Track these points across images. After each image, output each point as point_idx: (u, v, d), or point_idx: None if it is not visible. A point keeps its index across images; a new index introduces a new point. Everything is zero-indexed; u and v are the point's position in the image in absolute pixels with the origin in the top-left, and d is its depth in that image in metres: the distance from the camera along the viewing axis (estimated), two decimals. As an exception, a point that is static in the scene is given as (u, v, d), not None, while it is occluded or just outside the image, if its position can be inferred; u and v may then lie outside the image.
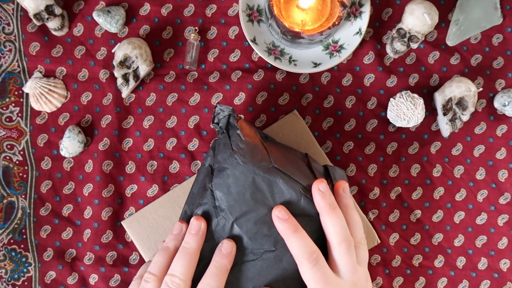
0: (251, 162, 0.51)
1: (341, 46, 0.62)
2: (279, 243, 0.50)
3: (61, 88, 0.64)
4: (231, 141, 0.52)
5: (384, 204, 0.65)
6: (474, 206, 0.65)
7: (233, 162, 0.51)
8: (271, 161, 0.51)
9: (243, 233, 0.50)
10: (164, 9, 0.65)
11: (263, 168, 0.51)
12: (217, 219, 0.51)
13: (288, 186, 0.50)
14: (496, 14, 0.64)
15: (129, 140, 0.65)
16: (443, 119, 0.62)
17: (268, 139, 0.56)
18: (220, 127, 0.54)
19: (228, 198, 0.50)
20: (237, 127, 0.53)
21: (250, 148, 0.51)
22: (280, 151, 0.54)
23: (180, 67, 0.65)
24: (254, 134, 0.54)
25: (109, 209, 0.64)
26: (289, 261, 0.50)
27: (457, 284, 0.64)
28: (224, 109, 0.54)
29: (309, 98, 0.65)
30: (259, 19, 0.62)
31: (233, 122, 0.53)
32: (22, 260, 0.64)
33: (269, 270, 0.50)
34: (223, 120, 0.54)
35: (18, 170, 0.64)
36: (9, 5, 0.64)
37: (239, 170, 0.50)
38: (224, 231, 0.51)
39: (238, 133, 0.52)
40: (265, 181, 0.50)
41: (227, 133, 0.53)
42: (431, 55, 0.65)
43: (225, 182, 0.51)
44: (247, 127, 0.54)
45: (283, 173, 0.51)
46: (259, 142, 0.53)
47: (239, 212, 0.50)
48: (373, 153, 0.65)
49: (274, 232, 0.50)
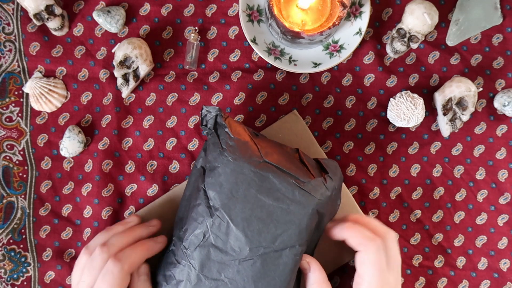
0: (242, 158, 0.51)
1: (341, 46, 0.62)
2: (278, 239, 0.50)
3: (61, 88, 0.64)
4: (220, 139, 0.53)
5: (384, 204, 0.64)
6: (474, 206, 0.65)
7: (223, 160, 0.51)
8: (262, 156, 0.52)
9: (240, 231, 0.50)
10: (164, 9, 0.65)
11: (254, 163, 0.51)
12: (212, 219, 0.51)
13: (281, 179, 0.50)
14: (496, 14, 0.64)
15: (129, 140, 0.64)
16: (443, 119, 0.62)
17: (258, 136, 0.56)
18: (208, 128, 0.54)
19: (221, 197, 0.50)
20: (225, 126, 0.53)
21: (239, 145, 0.52)
22: (270, 146, 0.54)
23: (180, 67, 0.65)
24: (243, 131, 0.54)
25: (109, 209, 0.64)
26: (288, 255, 0.50)
27: (457, 284, 0.64)
28: (211, 109, 0.54)
29: (309, 98, 0.65)
30: (259, 19, 0.62)
31: (221, 121, 0.53)
32: (22, 260, 0.64)
33: (269, 267, 0.50)
34: (211, 120, 0.54)
35: (18, 170, 0.64)
36: (9, 5, 0.64)
37: (230, 167, 0.51)
38: (220, 231, 0.51)
39: (226, 131, 0.53)
40: (257, 176, 0.50)
41: (215, 132, 0.53)
42: (431, 55, 0.65)
43: (217, 181, 0.51)
44: (235, 124, 0.54)
45: (274, 167, 0.51)
46: (248, 138, 0.53)
47: (234, 209, 0.50)
48: (373, 153, 0.65)
49: (272, 227, 0.50)
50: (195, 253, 0.51)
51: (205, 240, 0.51)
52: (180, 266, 0.52)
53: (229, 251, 0.51)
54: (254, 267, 0.50)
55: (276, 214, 0.50)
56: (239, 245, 0.50)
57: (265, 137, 0.58)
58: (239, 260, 0.50)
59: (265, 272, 0.50)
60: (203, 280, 0.51)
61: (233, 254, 0.51)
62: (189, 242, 0.52)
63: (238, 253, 0.50)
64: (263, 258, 0.50)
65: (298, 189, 0.50)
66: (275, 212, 0.50)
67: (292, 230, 0.51)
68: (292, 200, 0.50)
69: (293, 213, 0.50)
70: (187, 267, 0.52)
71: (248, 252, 0.50)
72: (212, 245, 0.51)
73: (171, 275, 0.53)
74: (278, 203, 0.50)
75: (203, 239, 0.51)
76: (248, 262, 0.50)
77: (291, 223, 0.51)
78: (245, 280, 0.50)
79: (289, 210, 0.50)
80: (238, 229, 0.50)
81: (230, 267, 0.51)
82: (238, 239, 0.50)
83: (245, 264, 0.50)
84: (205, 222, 0.51)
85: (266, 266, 0.50)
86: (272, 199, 0.50)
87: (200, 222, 0.51)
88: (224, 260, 0.51)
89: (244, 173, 0.50)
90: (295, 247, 0.51)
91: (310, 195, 0.51)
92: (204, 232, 0.51)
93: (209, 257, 0.51)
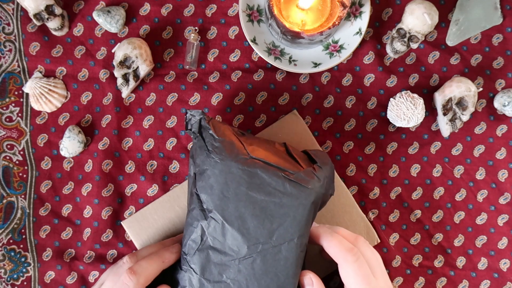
0: (228, 158, 0.51)
1: (341, 46, 0.62)
2: (275, 234, 0.50)
3: (61, 88, 0.64)
4: (205, 142, 0.53)
5: (384, 204, 0.64)
6: (474, 206, 0.65)
7: (211, 162, 0.51)
8: (248, 153, 0.52)
9: (236, 230, 0.50)
10: (164, 9, 0.65)
11: (241, 161, 0.51)
12: (207, 221, 0.51)
13: (270, 174, 0.50)
14: (496, 14, 0.64)
15: (129, 140, 0.64)
16: (443, 119, 0.62)
17: (244, 134, 0.56)
18: (193, 132, 0.54)
19: (213, 198, 0.51)
20: (209, 128, 0.53)
21: (225, 145, 0.52)
22: (257, 143, 0.54)
23: (180, 67, 0.65)
24: (228, 131, 0.54)
25: (109, 209, 0.64)
26: (288, 249, 0.50)
27: (457, 284, 0.64)
28: (195, 113, 0.54)
29: (309, 98, 0.65)
30: (259, 19, 0.62)
31: (205, 124, 0.54)
32: (22, 260, 0.64)
33: (270, 263, 0.50)
34: (195, 124, 0.54)
35: (18, 170, 0.64)
36: (9, 5, 0.64)
37: (218, 168, 0.51)
38: (217, 232, 0.51)
39: (210, 133, 0.53)
40: (245, 173, 0.50)
41: (201, 136, 0.54)
42: (431, 55, 0.65)
43: (208, 183, 0.51)
44: (219, 125, 0.54)
45: (262, 162, 0.51)
46: (234, 137, 0.53)
47: (227, 209, 0.50)
48: (373, 153, 0.65)
49: (267, 223, 0.50)
50: (194, 258, 0.51)
51: (202, 244, 0.51)
52: (182, 272, 0.52)
53: (227, 251, 0.51)
54: (254, 265, 0.50)
55: (270, 209, 0.50)
56: (237, 245, 0.50)
57: (251, 134, 0.58)
58: (239, 259, 0.51)
59: (267, 269, 0.50)
60: (206, 284, 0.51)
61: (232, 254, 0.51)
62: (188, 247, 0.52)
63: (237, 253, 0.50)
64: (262, 254, 0.50)
65: (289, 181, 0.51)
66: (268, 207, 0.50)
67: (288, 223, 0.51)
68: (283, 193, 0.50)
69: (287, 206, 0.50)
70: (189, 273, 0.52)
71: (246, 251, 0.50)
72: (211, 248, 0.51)
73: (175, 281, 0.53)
74: (270, 197, 0.50)
75: (200, 243, 0.51)
76: (248, 261, 0.50)
77: (286, 216, 0.51)
78: (247, 279, 0.50)
79: (282, 203, 0.50)
80: (234, 229, 0.50)
81: (230, 267, 0.51)
82: (235, 238, 0.50)
83: (245, 263, 0.50)
84: (200, 226, 0.51)
85: (266, 262, 0.50)
86: (263, 194, 0.50)
87: (195, 226, 0.52)
88: (224, 261, 0.51)
89: (233, 172, 0.51)
90: (293, 241, 0.51)
91: (301, 186, 0.51)
92: (201, 236, 0.51)
93: (209, 260, 0.51)
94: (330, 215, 0.62)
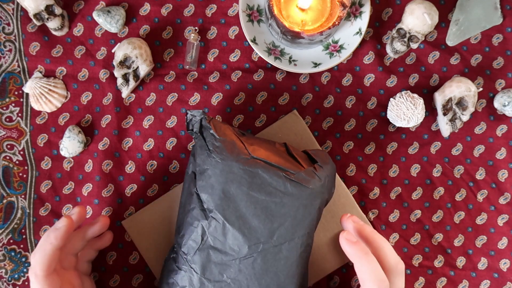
0: (229, 157, 0.51)
1: (341, 46, 0.62)
2: (276, 233, 0.50)
3: (61, 88, 0.64)
4: (206, 142, 0.53)
5: (384, 204, 0.64)
6: (474, 206, 0.65)
7: (212, 162, 0.51)
8: (249, 153, 0.52)
9: (237, 230, 0.50)
10: (164, 9, 0.65)
11: (242, 161, 0.51)
12: (207, 221, 0.51)
13: (271, 174, 0.50)
14: (496, 14, 0.64)
15: (129, 140, 0.65)
16: (443, 119, 0.62)
17: (245, 134, 0.56)
18: (194, 132, 0.54)
19: (214, 198, 0.51)
20: (210, 128, 0.53)
21: (226, 145, 0.52)
22: (257, 143, 0.54)
23: (180, 67, 0.65)
24: (229, 131, 0.54)
25: (109, 209, 0.64)
26: (288, 249, 0.50)
27: (457, 284, 0.64)
28: (195, 113, 0.54)
29: (309, 98, 0.65)
30: (259, 19, 0.62)
31: (206, 124, 0.54)
32: (22, 260, 0.64)
33: (271, 263, 0.50)
34: (196, 124, 0.54)
35: (18, 170, 0.64)
36: (9, 5, 0.64)
37: (219, 168, 0.51)
38: (217, 232, 0.51)
39: (211, 133, 0.53)
40: (246, 173, 0.50)
41: (201, 135, 0.54)
42: (431, 55, 0.65)
43: (208, 183, 0.51)
44: (220, 125, 0.54)
45: (263, 162, 0.51)
46: (234, 137, 0.53)
47: (227, 209, 0.50)
48: (373, 153, 0.65)
49: (268, 222, 0.50)
50: (195, 257, 0.51)
51: (203, 243, 0.51)
52: (182, 272, 0.52)
53: (228, 251, 0.51)
54: (255, 264, 0.50)
55: (270, 209, 0.50)
56: (237, 244, 0.50)
57: (252, 135, 0.58)
58: (240, 259, 0.51)
59: (267, 269, 0.50)
60: (206, 284, 0.51)
61: (233, 253, 0.51)
62: (188, 247, 0.52)
63: (238, 252, 0.50)
64: (263, 254, 0.50)
65: (289, 181, 0.51)
66: (269, 207, 0.51)
67: (289, 223, 0.51)
68: (284, 193, 0.51)
69: (287, 206, 0.50)
70: (189, 272, 0.52)
71: (247, 250, 0.50)
72: (211, 247, 0.51)
73: (174, 282, 0.53)
74: (271, 197, 0.51)
75: (201, 242, 0.51)
76: (248, 260, 0.50)
77: (287, 215, 0.51)
78: (247, 279, 0.51)
79: (282, 203, 0.50)
80: (235, 228, 0.50)
81: (231, 267, 0.51)
82: (235, 238, 0.50)
83: (246, 263, 0.51)
84: (201, 225, 0.51)
85: (267, 262, 0.50)
86: (264, 194, 0.51)
87: (196, 226, 0.52)
88: (224, 261, 0.51)
89: (234, 172, 0.51)
90: (294, 240, 0.51)
91: (302, 186, 0.51)
92: (202, 235, 0.51)
93: (209, 260, 0.51)
94: (330, 215, 0.62)
